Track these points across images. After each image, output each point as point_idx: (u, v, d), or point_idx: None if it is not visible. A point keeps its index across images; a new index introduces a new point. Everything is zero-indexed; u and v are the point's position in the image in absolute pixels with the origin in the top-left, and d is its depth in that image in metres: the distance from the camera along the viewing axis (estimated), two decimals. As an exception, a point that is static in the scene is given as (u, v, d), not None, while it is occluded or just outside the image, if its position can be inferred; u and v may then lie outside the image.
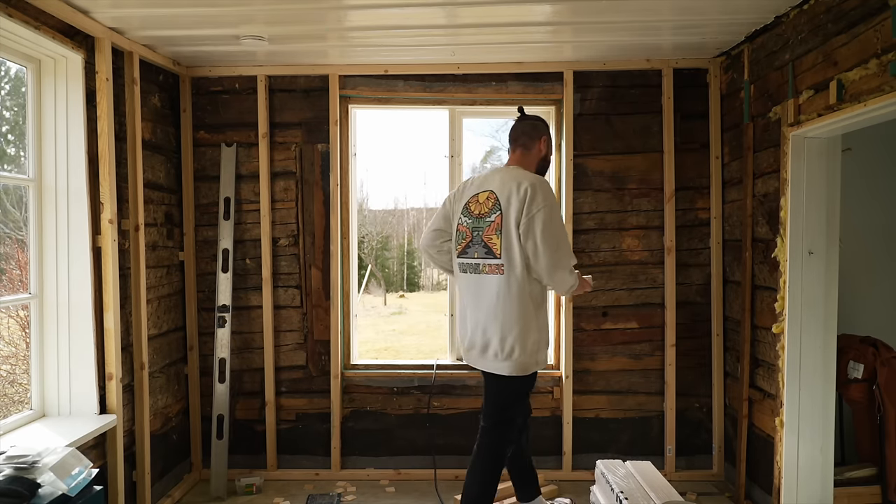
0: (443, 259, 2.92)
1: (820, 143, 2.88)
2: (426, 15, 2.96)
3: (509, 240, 2.60)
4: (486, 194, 2.70)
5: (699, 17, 3.01)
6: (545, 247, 2.54)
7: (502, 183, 2.66)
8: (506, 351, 2.60)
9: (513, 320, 2.60)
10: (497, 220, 2.62)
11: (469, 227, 2.72)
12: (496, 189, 2.66)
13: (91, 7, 2.74)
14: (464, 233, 2.74)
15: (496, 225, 2.63)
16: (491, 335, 2.62)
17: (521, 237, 2.57)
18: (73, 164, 2.90)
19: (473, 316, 2.70)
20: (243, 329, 3.86)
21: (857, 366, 3.21)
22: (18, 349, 5.33)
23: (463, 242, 2.74)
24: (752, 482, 3.38)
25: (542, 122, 2.86)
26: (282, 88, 3.81)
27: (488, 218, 2.66)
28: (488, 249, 2.64)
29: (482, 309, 2.65)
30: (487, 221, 2.66)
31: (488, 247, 2.64)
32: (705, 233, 3.76)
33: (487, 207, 2.67)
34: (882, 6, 2.25)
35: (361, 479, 3.82)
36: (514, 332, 2.59)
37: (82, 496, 2.26)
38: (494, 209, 2.64)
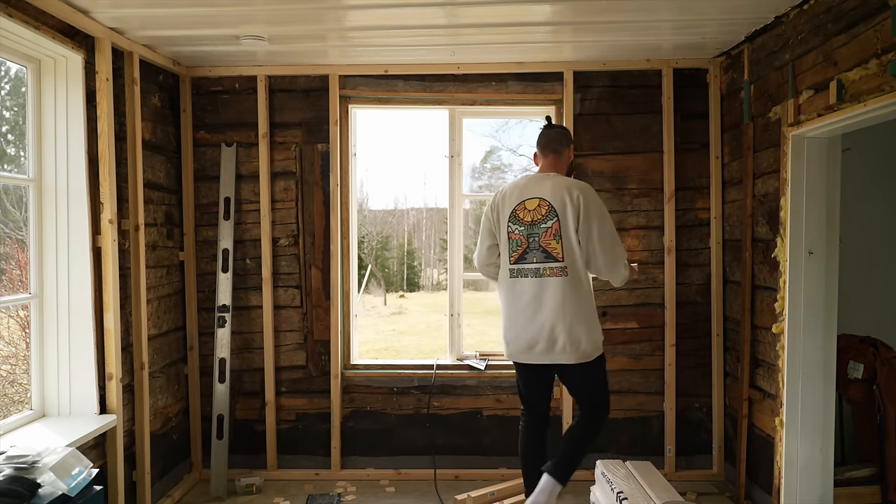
0: (496, 271, 3.05)
1: (820, 143, 2.88)
2: (426, 15, 2.96)
3: (569, 244, 2.81)
4: (536, 202, 2.86)
5: (699, 17, 3.01)
6: (602, 247, 2.81)
7: (553, 190, 2.84)
8: (574, 343, 2.81)
9: (580, 316, 2.82)
10: (554, 226, 2.82)
11: (523, 234, 2.87)
12: (548, 197, 2.85)
13: (91, 7, 2.74)
14: (518, 240, 2.88)
15: (554, 230, 2.82)
16: (559, 332, 2.80)
17: (579, 241, 2.81)
18: (73, 164, 2.90)
19: (535, 317, 2.83)
20: (243, 329, 3.86)
21: (857, 366, 3.21)
22: (18, 349, 5.33)
23: (519, 249, 2.88)
24: (752, 482, 3.38)
25: (567, 130, 3.12)
26: (282, 88, 3.81)
27: (543, 224, 2.84)
28: (548, 254, 2.83)
29: (547, 310, 2.81)
30: (543, 227, 2.84)
31: (548, 251, 2.83)
32: (705, 233, 3.76)
33: (541, 214, 2.85)
34: (882, 6, 2.25)
35: (361, 479, 3.82)
36: (583, 326, 2.82)
37: (82, 496, 2.26)
38: (549, 216, 2.83)
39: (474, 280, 3.73)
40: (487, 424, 3.86)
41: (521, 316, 2.87)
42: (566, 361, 2.84)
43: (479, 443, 3.87)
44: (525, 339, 2.87)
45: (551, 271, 2.81)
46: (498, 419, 3.86)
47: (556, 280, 2.80)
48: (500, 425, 3.86)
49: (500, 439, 3.86)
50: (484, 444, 3.87)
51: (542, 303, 2.82)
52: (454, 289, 3.99)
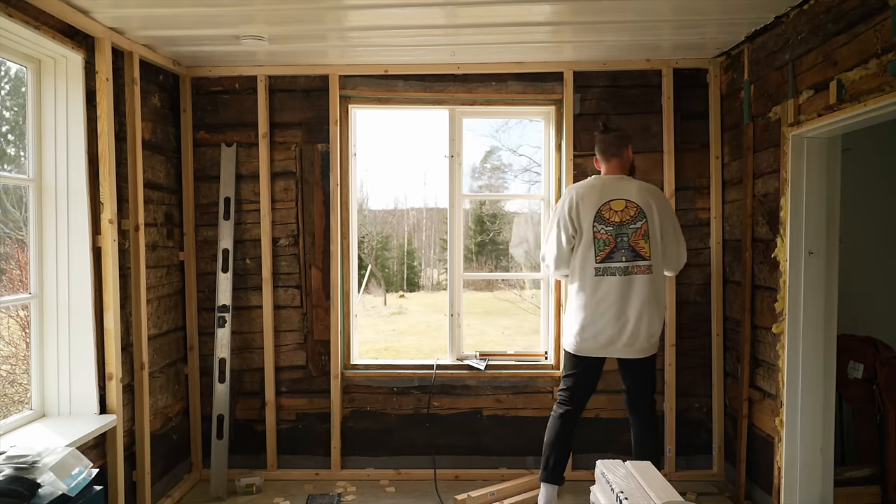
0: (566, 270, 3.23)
1: (820, 143, 2.88)
2: (426, 15, 2.96)
3: (655, 243, 3.05)
4: (623, 203, 3.06)
5: (699, 17, 3.01)
6: (678, 246, 3.14)
7: (639, 193, 3.07)
8: (651, 338, 3.07)
9: (659, 313, 3.09)
10: (643, 227, 3.04)
11: (611, 234, 3.04)
12: (634, 199, 3.06)
13: (91, 7, 2.74)
14: (605, 240, 3.05)
15: (643, 231, 3.04)
16: (641, 328, 3.02)
17: (661, 239, 3.06)
18: (73, 164, 2.90)
19: (622, 314, 3.02)
20: (243, 329, 3.86)
21: (857, 366, 3.21)
22: (18, 349, 5.33)
23: (606, 248, 3.04)
24: (752, 482, 3.38)
25: (624, 131, 3.27)
26: (282, 88, 3.81)
27: (632, 225, 3.04)
28: (636, 253, 3.03)
29: (633, 306, 3.01)
30: (632, 228, 3.04)
31: (636, 251, 3.03)
32: (705, 233, 3.76)
33: (629, 215, 3.05)
34: (882, 6, 2.25)
35: (361, 479, 3.82)
36: (659, 322, 3.08)
37: (82, 496, 2.26)
38: (638, 217, 3.04)
39: (474, 280, 3.72)
40: (487, 424, 3.86)
41: (607, 312, 3.03)
42: (643, 355, 3.08)
43: (479, 443, 3.87)
44: (607, 335, 3.04)
45: (639, 269, 3.03)
46: (498, 419, 3.86)
47: (643, 278, 3.02)
48: (500, 425, 3.86)
49: (500, 439, 3.86)
50: (484, 444, 3.87)
51: (629, 300, 3.01)
52: (454, 289, 3.99)
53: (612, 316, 3.03)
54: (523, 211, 14.92)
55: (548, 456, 3.19)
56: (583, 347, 3.10)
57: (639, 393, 3.21)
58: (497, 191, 15.27)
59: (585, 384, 3.21)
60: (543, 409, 3.84)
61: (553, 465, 3.17)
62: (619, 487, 3.01)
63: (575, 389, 3.21)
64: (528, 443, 3.85)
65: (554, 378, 3.83)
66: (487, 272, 15.65)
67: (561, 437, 3.19)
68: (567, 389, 3.23)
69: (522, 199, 17.12)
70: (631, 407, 3.25)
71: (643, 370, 3.17)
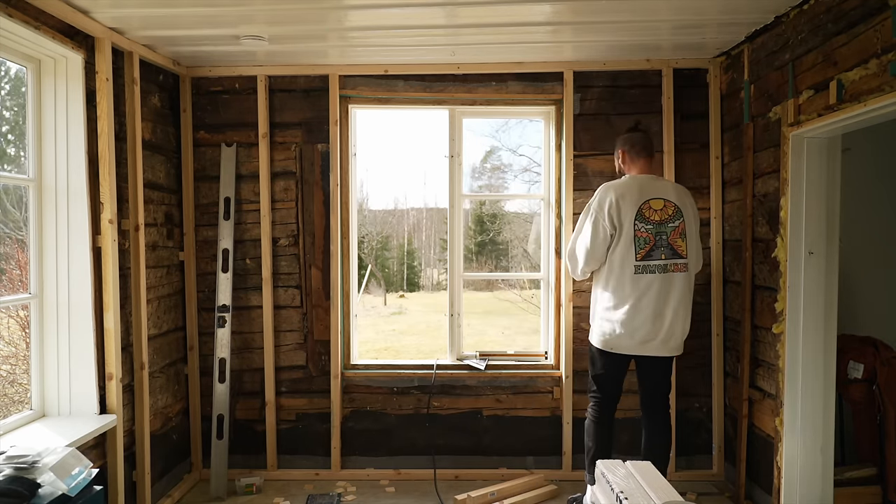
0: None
1: (820, 143, 2.88)
2: (426, 15, 2.96)
3: (691, 242, 3.12)
4: (661, 202, 3.09)
5: (699, 17, 3.01)
6: (700, 247, 3.23)
7: (676, 193, 3.14)
8: (685, 336, 3.12)
9: (689, 309, 3.14)
10: (681, 225, 3.09)
11: (651, 232, 3.07)
12: (672, 198, 3.11)
13: (91, 7, 2.74)
14: (646, 238, 3.07)
15: (680, 230, 3.09)
16: (676, 326, 3.06)
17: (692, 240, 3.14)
18: (73, 164, 2.90)
19: (662, 311, 3.04)
20: (243, 329, 3.86)
21: (857, 366, 3.21)
22: (18, 349, 5.33)
23: (647, 246, 3.06)
24: (752, 482, 3.38)
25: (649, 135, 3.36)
26: (282, 88, 3.81)
27: (671, 224, 3.08)
28: (674, 251, 3.07)
29: (671, 304, 3.05)
30: (671, 227, 3.08)
31: (674, 248, 3.07)
32: (705, 233, 3.76)
33: (668, 214, 3.08)
34: (882, 6, 2.25)
35: (361, 479, 3.82)
36: (689, 320, 3.14)
37: (82, 496, 2.26)
38: (676, 216, 3.09)
39: (474, 280, 3.73)
40: (487, 424, 3.86)
41: (646, 309, 3.04)
42: (676, 353, 3.12)
43: (479, 443, 3.87)
44: (644, 332, 3.04)
45: (676, 267, 3.07)
46: (498, 419, 3.86)
47: (681, 276, 3.07)
48: (500, 425, 3.86)
49: (500, 439, 3.86)
50: (484, 444, 3.87)
51: (668, 297, 3.04)
52: (454, 289, 3.99)
53: (650, 313, 3.03)
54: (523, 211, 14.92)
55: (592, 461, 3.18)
56: (618, 344, 3.09)
57: (662, 393, 3.24)
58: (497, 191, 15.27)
59: (617, 382, 3.23)
60: (543, 409, 3.84)
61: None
62: (619, 487, 3.01)
63: (608, 390, 3.23)
64: (528, 443, 3.85)
65: (554, 377, 3.83)
66: (487, 272, 15.65)
67: (607, 441, 3.23)
68: (600, 390, 3.24)
69: (522, 199, 17.13)
70: (648, 406, 3.25)
71: (667, 369, 3.20)
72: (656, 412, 3.24)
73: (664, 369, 3.20)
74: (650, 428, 3.25)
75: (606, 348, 3.14)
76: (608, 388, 3.23)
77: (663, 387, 3.24)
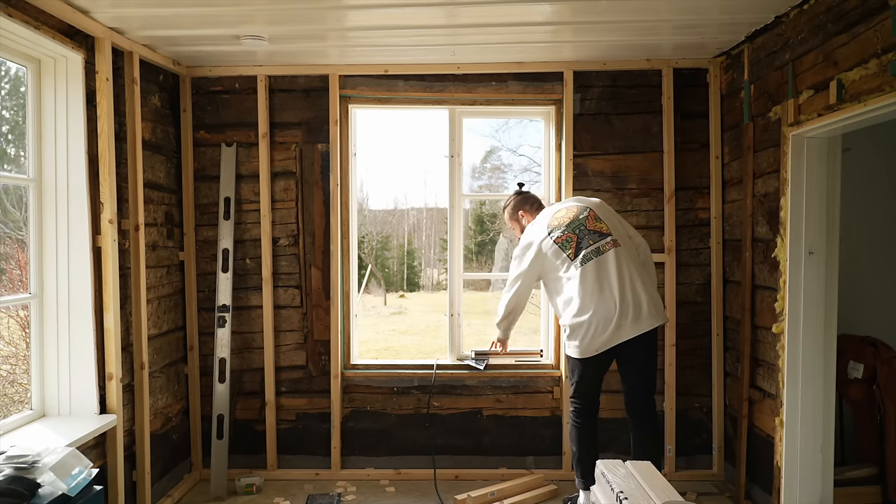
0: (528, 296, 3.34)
1: (820, 143, 2.88)
2: (426, 15, 2.96)
3: (611, 222, 3.16)
4: (563, 211, 3.21)
5: (699, 17, 3.01)
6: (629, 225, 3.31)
7: (576, 201, 3.28)
8: (655, 303, 3.06)
9: (651, 278, 3.16)
10: (590, 213, 3.16)
11: (568, 230, 3.13)
12: (573, 203, 3.24)
13: (91, 7, 2.74)
14: (568, 238, 3.12)
15: (592, 216, 3.15)
16: (640, 293, 3.02)
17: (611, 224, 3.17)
18: (73, 164, 2.90)
19: (617, 289, 3.01)
20: (243, 329, 3.86)
21: (857, 366, 3.21)
22: (18, 349, 5.33)
23: (572, 244, 3.11)
24: (752, 482, 3.38)
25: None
26: (282, 88, 3.81)
27: (580, 217, 3.15)
28: (598, 233, 3.10)
29: (624, 276, 3.03)
30: (582, 218, 3.14)
31: (597, 232, 3.11)
32: (705, 233, 3.76)
33: (573, 213, 3.17)
34: (882, 6, 2.25)
35: (361, 478, 3.82)
36: (653, 286, 3.13)
37: (82, 496, 2.26)
38: (581, 211, 3.17)
39: (474, 280, 3.73)
40: (487, 424, 3.86)
41: (604, 292, 3.01)
42: (656, 323, 3.04)
43: (479, 443, 3.87)
44: (614, 319, 2.99)
45: (609, 244, 3.08)
46: (498, 419, 3.86)
47: (617, 250, 3.07)
48: (500, 425, 3.86)
49: (500, 439, 3.86)
50: (484, 444, 3.87)
51: (617, 272, 3.03)
52: (454, 289, 3.99)
53: (609, 295, 3.00)
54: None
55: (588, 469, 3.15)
56: (597, 344, 3.02)
57: (642, 392, 3.17)
58: (497, 191, 15.27)
59: (597, 384, 3.21)
60: (543, 408, 3.84)
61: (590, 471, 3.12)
62: (619, 487, 3.01)
63: (590, 395, 3.21)
64: (528, 443, 3.85)
65: (553, 377, 3.83)
66: (487, 272, 15.65)
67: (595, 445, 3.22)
68: (580, 397, 3.20)
69: (522, 199, 17.10)
70: (632, 409, 3.21)
71: (648, 358, 3.13)
72: (643, 414, 3.18)
73: (645, 358, 3.12)
74: (636, 436, 3.22)
75: (587, 354, 3.08)
76: (589, 394, 3.20)
77: (646, 383, 3.17)
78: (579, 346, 3.08)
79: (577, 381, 3.20)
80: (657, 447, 3.24)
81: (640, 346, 3.06)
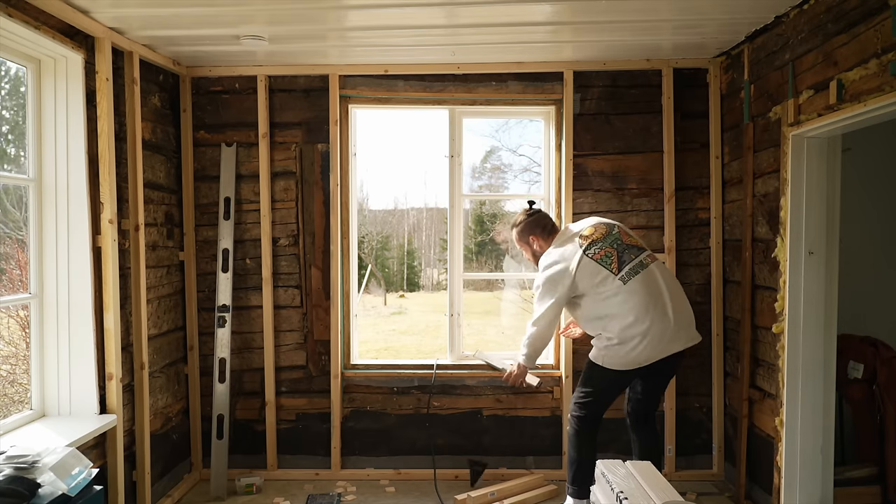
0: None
1: (820, 143, 2.88)
2: (426, 15, 2.96)
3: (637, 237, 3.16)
4: (590, 229, 3.10)
5: (699, 17, 3.01)
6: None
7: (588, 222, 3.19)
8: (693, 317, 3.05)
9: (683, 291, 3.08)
10: (619, 229, 3.11)
11: (605, 245, 3.03)
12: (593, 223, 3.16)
13: (91, 7, 2.74)
14: (608, 253, 3.01)
15: (623, 231, 3.12)
16: (687, 305, 3.03)
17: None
18: (73, 164, 2.90)
19: (670, 302, 2.95)
20: (243, 329, 3.86)
21: (857, 366, 3.21)
22: (18, 349, 5.33)
23: (613, 258, 3.00)
24: (752, 482, 3.38)
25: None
26: (282, 88, 3.81)
27: (612, 232, 3.08)
28: (636, 247, 3.06)
29: (671, 290, 2.99)
30: (615, 234, 3.08)
31: (634, 245, 3.06)
32: (705, 233, 3.76)
33: (602, 231, 3.09)
34: (882, 6, 2.25)
35: (361, 478, 3.82)
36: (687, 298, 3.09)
37: (82, 496, 2.26)
38: (609, 226, 3.11)
39: (474, 280, 3.73)
40: (487, 424, 3.86)
41: (661, 306, 2.93)
42: (697, 339, 3.03)
43: (479, 443, 3.87)
44: (669, 332, 2.91)
45: (649, 258, 3.04)
46: (498, 419, 3.86)
47: (656, 263, 3.04)
48: (500, 425, 3.86)
49: (500, 439, 3.86)
50: (484, 444, 3.87)
51: (667, 285, 2.98)
52: (454, 289, 3.99)
53: (663, 309, 2.92)
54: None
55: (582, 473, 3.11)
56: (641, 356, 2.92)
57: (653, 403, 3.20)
58: (497, 191, 15.27)
59: (613, 397, 3.16)
60: (543, 408, 3.84)
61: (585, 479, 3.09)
62: (619, 487, 3.01)
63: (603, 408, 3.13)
64: (528, 443, 3.85)
65: (554, 377, 3.83)
66: (487, 272, 15.65)
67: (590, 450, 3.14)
68: (590, 405, 3.11)
69: (522, 199, 17.11)
70: (637, 416, 3.20)
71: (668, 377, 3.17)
72: (648, 423, 3.21)
73: (669, 376, 3.16)
74: (640, 442, 3.22)
75: (629, 367, 2.97)
76: (600, 411, 3.13)
77: (658, 397, 3.22)
78: (625, 357, 2.95)
79: (596, 392, 3.09)
80: (659, 452, 3.21)
81: (674, 361, 3.04)
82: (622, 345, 2.95)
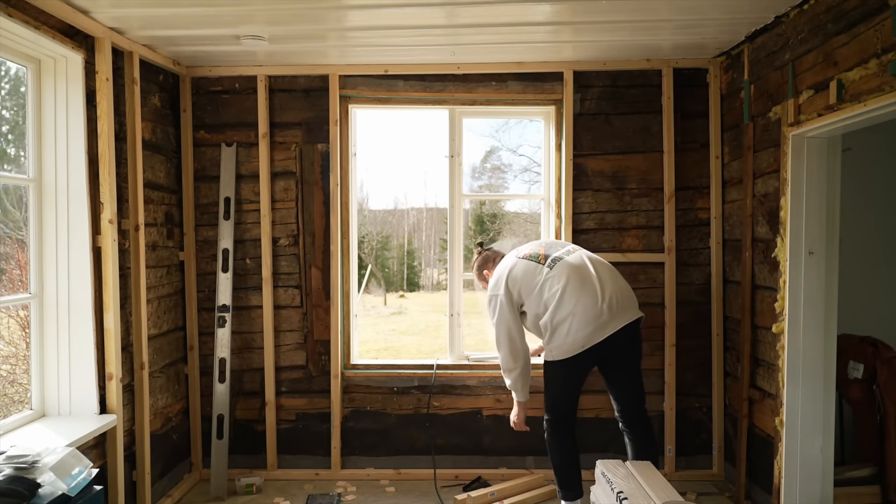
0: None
1: (820, 143, 2.88)
2: (426, 15, 2.96)
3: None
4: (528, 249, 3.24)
5: (699, 17, 3.01)
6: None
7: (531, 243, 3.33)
8: (632, 294, 3.10)
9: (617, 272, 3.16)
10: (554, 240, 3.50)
11: (535, 247, 3.21)
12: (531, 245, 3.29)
13: (91, 7, 2.74)
14: (536, 251, 3.19)
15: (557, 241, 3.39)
16: (621, 282, 3.07)
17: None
18: (73, 164, 2.90)
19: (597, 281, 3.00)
20: (243, 329, 3.86)
21: (857, 366, 3.21)
22: (18, 349, 5.33)
23: (541, 254, 3.16)
24: (752, 482, 3.38)
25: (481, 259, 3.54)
26: (282, 88, 3.81)
27: (545, 241, 3.34)
28: (564, 245, 3.23)
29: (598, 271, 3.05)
30: (547, 242, 3.30)
31: (563, 245, 3.23)
32: (705, 233, 3.76)
33: (538, 242, 3.30)
34: (882, 6, 2.25)
35: (361, 478, 3.82)
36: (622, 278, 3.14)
37: (82, 496, 2.26)
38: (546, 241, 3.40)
39: (474, 280, 3.73)
40: (487, 424, 3.86)
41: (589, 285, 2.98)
42: (637, 315, 3.03)
43: (479, 443, 3.87)
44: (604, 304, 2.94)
45: (574, 249, 3.19)
46: (498, 419, 3.86)
47: (580, 252, 3.16)
48: (500, 425, 3.85)
49: (500, 439, 3.86)
50: (484, 444, 3.87)
51: (594, 267, 3.05)
52: (454, 289, 3.99)
53: (591, 287, 2.96)
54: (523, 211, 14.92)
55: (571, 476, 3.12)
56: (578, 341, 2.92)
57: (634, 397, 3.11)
58: (497, 191, 15.26)
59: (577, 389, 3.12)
60: (543, 409, 3.83)
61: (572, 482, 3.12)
62: (619, 487, 3.01)
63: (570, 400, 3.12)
64: (528, 443, 3.84)
65: (554, 378, 3.82)
66: (487, 272, 15.61)
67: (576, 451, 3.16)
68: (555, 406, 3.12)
69: (522, 199, 17.13)
70: (627, 416, 3.15)
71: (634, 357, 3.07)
72: (639, 423, 3.14)
73: (630, 359, 3.07)
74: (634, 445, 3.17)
75: (571, 353, 2.96)
76: (563, 406, 3.12)
77: (637, 388, 3.13)
78: (562, 345, 2.96)
79: (553, 391, 3.11)
80: (655, 453, 3.17)
81: (624, 343, 2.99)
82: (557, 331, 2.98)
